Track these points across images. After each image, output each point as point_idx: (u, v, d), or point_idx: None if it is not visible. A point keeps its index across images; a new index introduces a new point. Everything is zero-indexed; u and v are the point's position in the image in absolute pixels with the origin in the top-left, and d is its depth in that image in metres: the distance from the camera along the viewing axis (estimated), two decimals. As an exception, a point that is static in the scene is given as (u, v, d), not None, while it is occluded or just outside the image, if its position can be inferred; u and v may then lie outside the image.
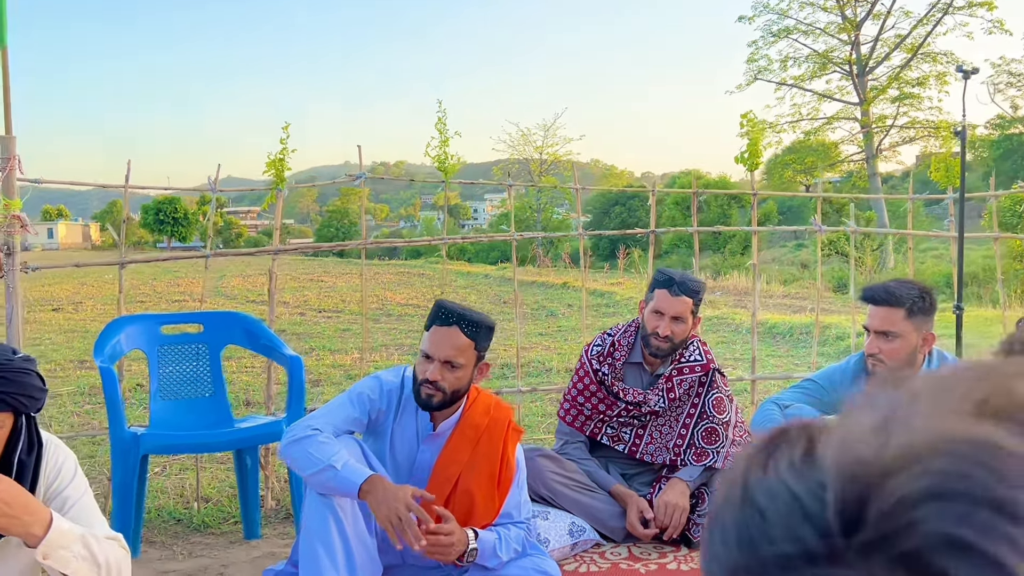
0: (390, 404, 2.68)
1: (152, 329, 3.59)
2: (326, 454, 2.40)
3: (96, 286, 16.98)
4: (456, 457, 2.65)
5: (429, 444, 2.68)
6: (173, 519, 3.72)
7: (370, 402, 2.65)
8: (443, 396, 2.59)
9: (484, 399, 2.76)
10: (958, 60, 29.95)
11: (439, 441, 2.68)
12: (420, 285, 17.51)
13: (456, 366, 2.57)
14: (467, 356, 2.59)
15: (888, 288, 2.95)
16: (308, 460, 2.42)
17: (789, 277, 21.12)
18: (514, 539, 2.64)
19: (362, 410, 2.63)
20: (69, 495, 2.01)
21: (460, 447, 2.66)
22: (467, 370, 2.61)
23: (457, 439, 2.67)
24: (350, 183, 4.46)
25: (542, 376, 7.29)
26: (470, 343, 2.59)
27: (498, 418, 2.72)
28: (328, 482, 2.39)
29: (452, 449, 2.66)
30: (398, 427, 2.69)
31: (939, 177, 4.49)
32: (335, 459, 2.38)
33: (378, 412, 2.66)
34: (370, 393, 2.66)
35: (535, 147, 44.19)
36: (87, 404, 6.20)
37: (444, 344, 2.56)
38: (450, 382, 2.58)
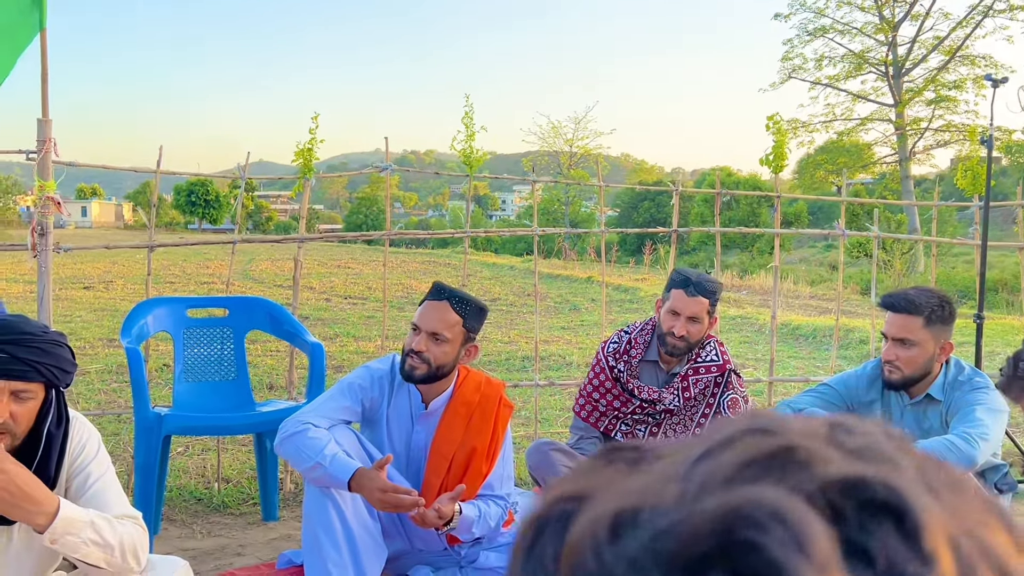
0: (382, 390, 2.73)
1: (179, 312, 3.67)
2: (316, 450, 2.44)
3: (127, 265, 17.21)
4: (451, 434, 2.70)
5: (423, 424, 2.74)
6: (194, 498, 3.80)
7: (361, 390, 2.70)
8: (427, 368, 2.63)
9: (475, 376, 2.82)
10: (997, 63, 29.51)
11: (433, 419, 2.74)
12: (445, 275, 17.58)
13: (441, 339, 2.62)
14: (454, 332, 2.64)
15: (908, 296, 2.96)
16: (299, 456, 2.47)
17: (817, 278, 20.97)
18: (493, 516, 2.69)
19: (354, 399, 2.68)
20: (92, 471, 2.07)
21: (453, 424, 2.72)
22: (453, 346, 2.65)
23: (450, 416, 2.73)
24: (377, 172, 4.52)
25: (562, 370, 7.32)
26: (458, 319, 2.64)
27: (489, 394, 2.77)
28: (320, 478, 2.46)
29: (446, 427, 2.72)
30: (392, 411, 2.75)
31: (965, 184, 4.46)
32: (324, 455, 2.43)
33: (371, 400, 2.72)
34: (360, 382, 2.71)
35: (565, 140, 44.14)
36: (114, 383, 6.31)
37: (432, 316, 2.63)
38: (435, 355, 2.63)
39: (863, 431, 0.36)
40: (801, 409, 3.01)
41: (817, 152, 34.88)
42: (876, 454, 0.34)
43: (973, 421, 2.73)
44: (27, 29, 3.39)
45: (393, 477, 2.50)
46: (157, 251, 4.02)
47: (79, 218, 54.97)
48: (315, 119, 3.98)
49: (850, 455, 0.34)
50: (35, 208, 3.46)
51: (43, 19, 3.42)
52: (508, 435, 2.83)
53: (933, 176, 36.57)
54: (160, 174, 4.03)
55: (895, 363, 2.93)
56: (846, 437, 0.35)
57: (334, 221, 63.98)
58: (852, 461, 0.33)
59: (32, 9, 3.37)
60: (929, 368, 2.94)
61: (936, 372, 2.97)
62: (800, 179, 37.53)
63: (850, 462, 0.33)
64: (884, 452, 0.34)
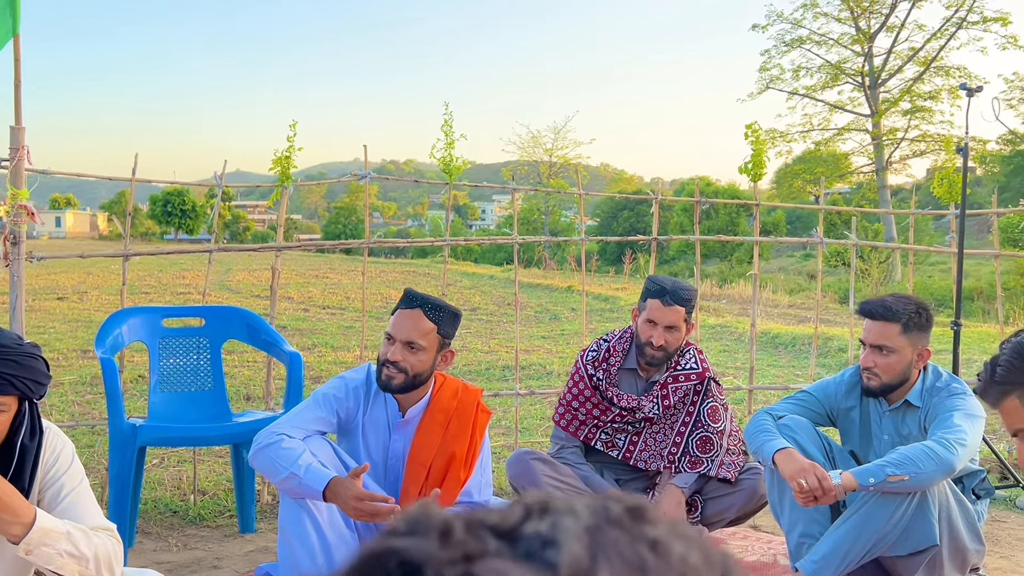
0: (357, 400, 2.71)
1: (154, 322, 3.62)
2: (289, 460, 2.41)
3: (101, 276, 17.05)
4: (428, 442, 2.68)
5: (400, 432, 2.72)
6: (169, 511, 3.75)
7: (336, 401, 2.67)
8: (404, 378, 2.62)
9: (451, 383, 2.80)
10: (971, 74, 29.89)
11: (410, 428, 2.71)
12: (425, 284, 17.53)
13: (417, 347, 2.60)
14: (429, 340, 2.62)
15: (885, 303, 2.97)
16: (273, 468, 2.44)
17: (796, 287, 21.11)
18: None
19: (329, 409, 2.66)
20: (65, 483, 2.04)
21: (431, 431, 2.69)
22: (429, 353, 2.63)
23: (427, 423, 2.70)
24: (356, 181, 4.49)
25: (542, 379, 7.31)
26: (433, 327, 2.62)
27: (466, 400, 2.76)
28: (294, 489, 2.42)
29: (423, 434, 2.69)
30: (368, 420, 2.72)
31: (941, 193, 4.50)
32: (298, 465, 2.40)
33: (346, 410, 2.69)
34: (335, 392, 2.69)
35: (545, 149, 44.24)
36: (88, 394, 6.24)
37: (406, 325, 2.61)
38: (411, 364, 2.61)
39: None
40: (781, 416, 3.01)
41: (795, 162, 35.15)
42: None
43: (951, 427, 2.74)
44: (3, 34, 3.34)
45: (368, 486, 2.48)
46: (132, 261, 3.97)
47: (53, 228, 54.43)
48: (293, 126, 3.96)
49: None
50: (7, 217, 3.42)
51: (16, 25, 3.38)
52: (487, 442, 2.81)
53: (910, 186, 36.97)
54: (136, 182, 3.99)
55: (873, 370, 2.94)
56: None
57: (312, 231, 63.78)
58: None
59: (5, 14, 3.33)
60: (907, 375, 2.95)
61: (914, 379, 2.98)
62: (778, 189, 37.78)
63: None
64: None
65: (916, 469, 2.62)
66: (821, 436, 3.03)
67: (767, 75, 32.75)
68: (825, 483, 2.64)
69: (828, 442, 3.04)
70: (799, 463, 2.72)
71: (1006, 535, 3.68)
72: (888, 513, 2.70)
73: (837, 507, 2.92)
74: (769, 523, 3.50)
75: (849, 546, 2.74)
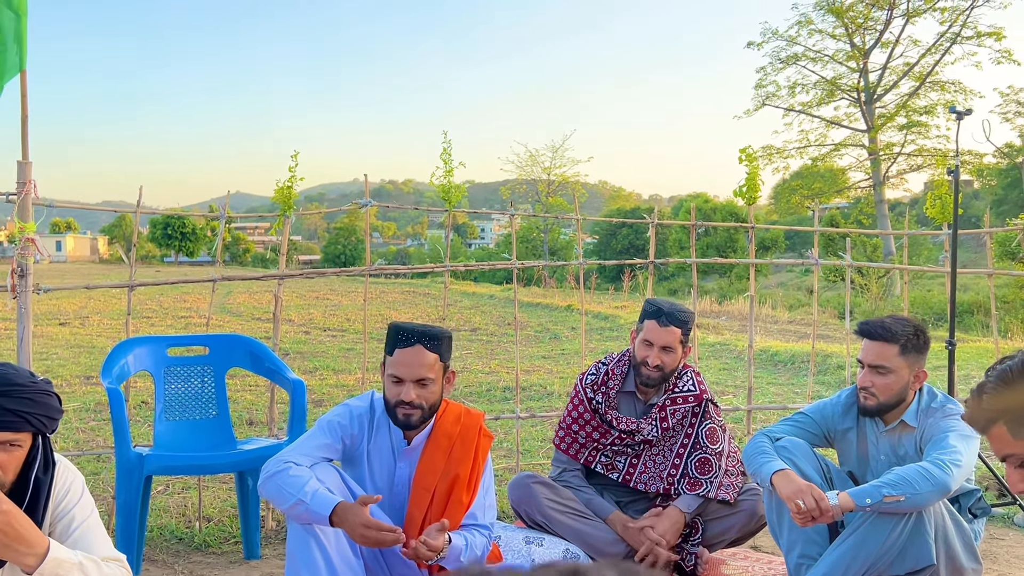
0: (362, 428, 2.75)
1: (159, 351, 3.67)
2: (297, 487, 2.47)
3: (103, 300, 17.09)
4: (432, 468, 2.72)
5: (405, 459, 2.76)
6: (175, 538, 3.78)
7: (341, 428, 2.72)
8: (421, 413, 2.68)
9: (453, 408, 2.84)
10: (966, 89, 30.05)
11: (414, 454, 2.76)
12: (425, 305, 17.58)
13: (428, 382, 2.66)
14: (435, 371, 2.68)
15: (884, 324, 3.02)
16: (281, 495, 2.49)
17: (795, 302, 21.14)
18: (478, 545, 2.70)
19: (334, 436, 2.70)
20: (76, 515, 2.08)
21: (435, 457, 2.74)
22: (437, 384, 2.70)
23: (431, 450, 2.75)
24: (357, 208, 4.54)
25: (543, 400, 7.34)
26: (435, 357, 2.68)
27: (469, 425, 2.80)
28: (302, 515, 2.47)
29: (427, 461, 2.74)
30: (373, 447, 2.77)
31: (934, 214, 4.55)
32: (305, 491, 2.45)
33: (351, 437, 2.74)
34: (340, 420, 2.74)
35: (543, 168, 44.35)
36: (92, 421, 6.27)
37: (413, 364, 2.65)
38: (426, 398, 2.67)
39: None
40: (779, 438, 3.05)
41: (792, 177, 35.28)
42: None
43: (946, 447, 2.78)
44: (9, 69, 3.40)
45: (375, 513, 2.52)
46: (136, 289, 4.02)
47: (54, 252, 54.53)
48: (295, 157, 4.02)
49: None
50: (15, 248, 3.46)
51: (23, 60, 3.44)
52: (489, 465, 2.85)
53: (907, 200, 37.09)
54: (140, 212, 4.05)
55: (871, 389, 2.99)
56: None
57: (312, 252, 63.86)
58: None
59: (11, 50, 3.39)
60: (903, 395, 3.00)
61: (910, 399, 3.02)
62: (776, 204, 37.90)
63: None
64: None
65: (912, 490, 2.66)
66: (819, 457, 3.07)
67: (763, 92, 32.95)
68: (822, 504, 2.68)
69: (826, 463, 3.07)
70: (796, 484, 2.76)
71: (1004, 552, 3.71)
72: (885, 533, 2.73)
73: (835, 527, 2.96)
74: (769, 544, 3.53)
75: (847, 566, 2.77)
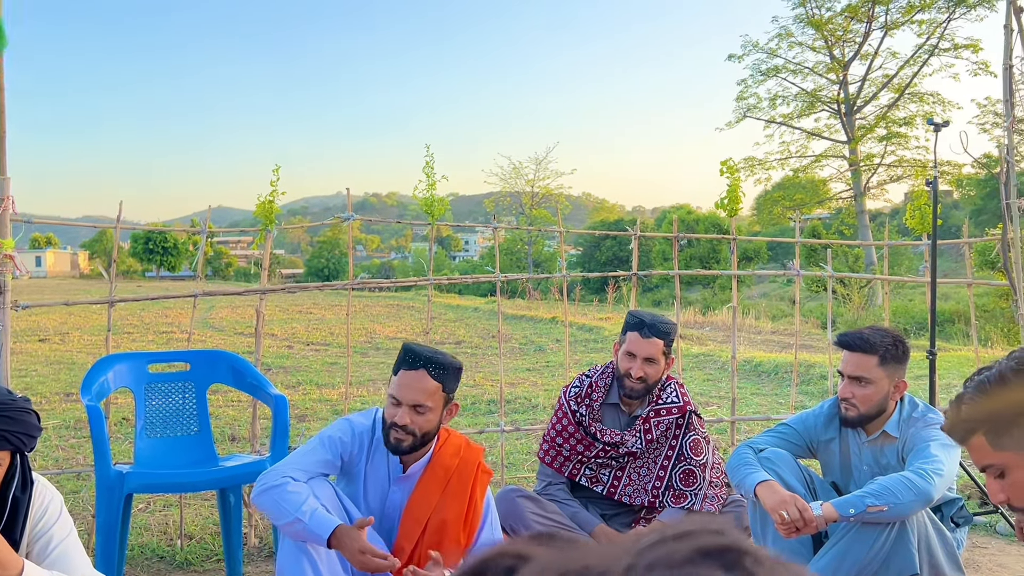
0: (362, 446, 2.73)
1: (140, 368, 3.64)
2: (295, 505, 2.45)
3: (83, 316, 16.95)
4: (426, 498, 2.70)
5: (400, 485, 2.73)
6: (156, 556, 3.74)
7: (341, 444, 2.70)
8: (412, 440, 2.64)
9: (454, 440, 2.81)
10: (944, 100, 30.40)
11: (410, 482, 2.73)
12: (409, 318, 17.55)
13: (424, 410, 2.62)
14: (435, 400, 2.64)
15: (863, 335, 3.03)
16: (278, 510, 2.47)
17: (778, 312, 21.23)
18: None
19: (334, 453, 2.68)
20: (54, 534, 2.06)
21: (430, 488, 2.71)
22: (435, 413, 2.66)
23: (427, 480, 2.72)
24: (339, 222, 4.54)
25: (528, 413, 7.33)
26: (438, 386, 2.63)
27: (468, 459, 2.77)
28: (298, 533, 2.45)
29: (422, 490, 2.71)
30: (371, 468, 2.74)
31: (914, 224, 4.59)
32: (303, 510, 2.44)
33: (350, 455, 2.71)
34: (342, 436, 2.71)
35: (527, 180, 44.45)
36: (72, 438, 6.20)
37: (412, 388, 2.61)
38: (419, 425, 2.63)
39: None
40: (762, 449, 3.06)
41: (774, 189, 35.51)
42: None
43: (928, 457, 2.79)
44: None
45: (368, 537, 2.51)
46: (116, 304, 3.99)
47: (33, 268, 54.10)
48: (276, 171, 4.00)
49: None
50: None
51: (2, 41, 3.31)
52: (490, 500, 2.82)
53: (888, 211, 37.42)
54: (120, 227, 4.02)
55: (851, 400, 3.00)
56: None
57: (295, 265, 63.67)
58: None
59: None
60: (884, 406, 3.01)
61: (891, 409, 3.04)
62: (758, 215, 38.13)
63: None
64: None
65: (895, 499, 2.67)
66: (802, 468, 3.07)
67: (744, 104, 33.22)
68: (806, 514, 2.69)
69: (809, 474, 3.08)
70: (780, 495, 2.76)
71: (987, 561, 3.73)
72: (868, 543, 2.74)
73: (819, 538, 2.96)
74: (754, 555, 3.53)
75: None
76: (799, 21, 31.03)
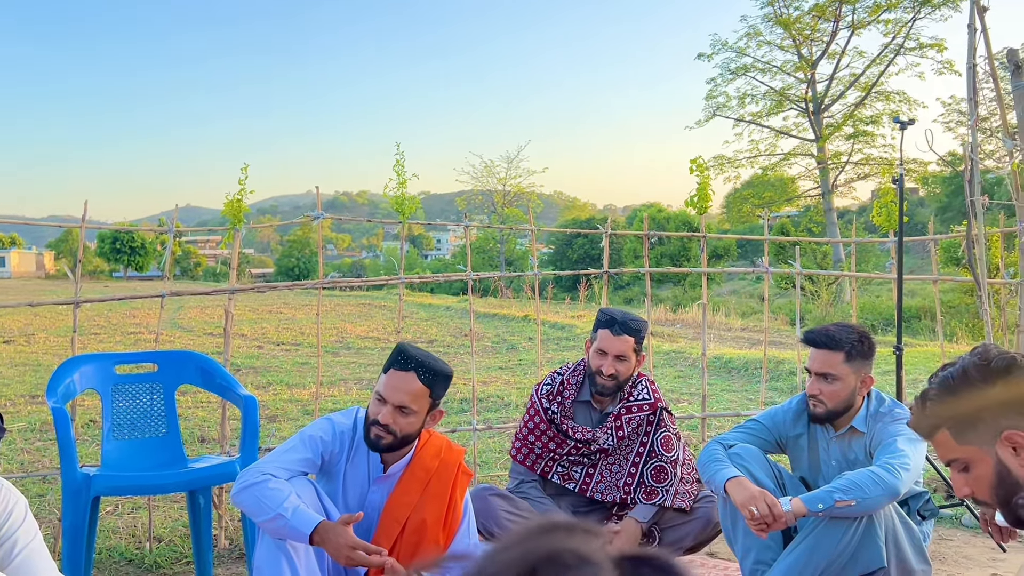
0: (342, 446, 2.71)
1: (106, 369, 3.59)
2: (276, 501, 2.43)
3: (49, 317, 16.72)
4: (406, 499, 2.68)
5: (379, 485, 2.72)
6: (124, 559, 3.70)
7: (322, 443, 2.68)
8: (392, 439, 2.62)
9: (436, 441, 2.79)
10: (910, 99, 30.81)
11: (389, 482, 2.71)
12: (381, 317, 17.49)
13: (409, 412, 2.60)
14: (420, 403, 2.62)
15: (828, 332, 3.06)
16: (259, 507, 2.45)
17: (748, 309, 21.40)
18: None
19: (314, 451, 2.66)
20: (18, 539, 2.02)
21: (410, 489, 2.69)
22: (419, 416, 2.64)
23: (407, 481, 2.70)
24: (309, 221, 4.50)
25: (500, 411, 7.33)
26: (425, 390, 2.61)
27: (448, 461, 2.76)
28: (280, 530, 2.43)
29: (402, 490, 2.69)
30: (351, 468, 2.73)
31: (880, 221, 4.65)
32: (285, 507, 2.42)
33: (331, 454, 2.69)
34: (322, 435, 2.69)
35: (499, 179, 44.44)
36: (38, 441, 6.11)
37: (399, 389, 2.59)
38: (401, 426, 2.61)
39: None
40: (732, 445, 3.08)
41: (743, 187, 35.81)
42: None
43: (895, 452, 2.83)
44: None
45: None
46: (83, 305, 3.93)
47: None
48: (244, 170, 3.97)
49: None
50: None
51: None
52: (468, 503, 2.81)
53: (855, 208, 37.84)
54: (86, 226, 3.97)
55: (819, 397, 3.03)
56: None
57: (265, 265, 63.22)
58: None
59: None
60: (851, 401, 3.04)
61: (858, 405, 3.07)
62: (728, 213, 38.44)
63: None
64: None
65: (863, 494, 2.70)
66: (771, 464, 3.10)
67: (714, 103, 33.46)
68: (775, 510, 2.71)
69: (778, 469, 3.11)
70: (750, 491, 2.78)
71: (953, 553, 3.78)
72: (837, 537, 2.77)
73: (789, 533, 2.99)
74: (725, 550, 3.56)
75: (801, 570, 2.80)
76: (767, 20, 31.31)
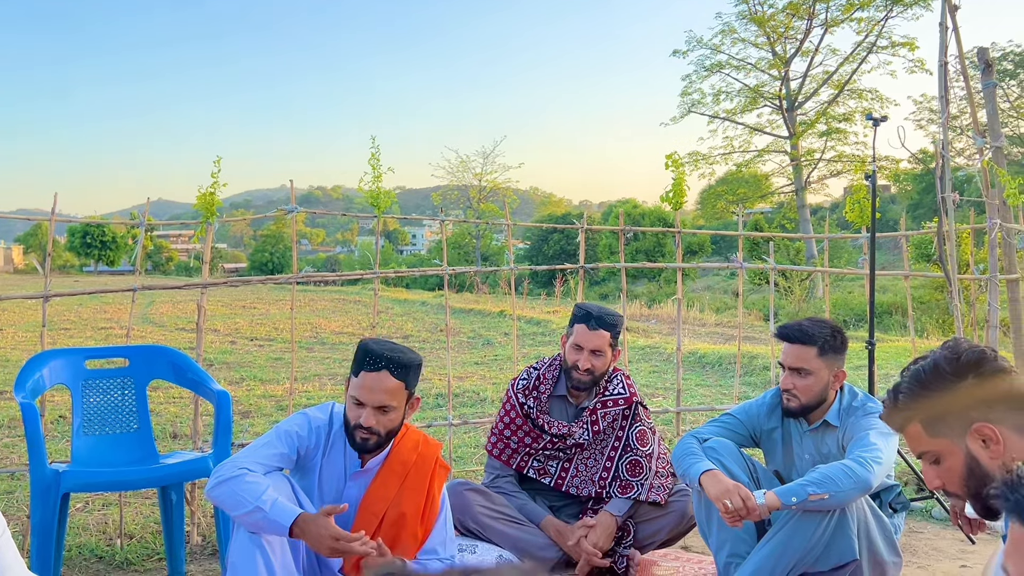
0: (318, 441, 2.69)
1: (76, 363, 3.55)
2: (254, 494, 2.41)
3: (18, 312, 16.49)
4: (383, 493, 2.67)
5: (357, 480, 2.70)
6: (95, 557, 3.66)
7: (298, 439, 2.66)
8: (378, 438, 2.62)
9: (412, 435, 2.79)
10: (882, 97, 31.12)
11: (367, 477, 2.70)
12: (356, 312, 17.41)
13: (389, 409, 2.60)
14: (398, 399, 2.61)
15: (802, 327, 3.09)
16: (236, 501, 2.43)
17: (722, 305, 21.51)
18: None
19: (290, 446, 2.64)
20: (-14, 537, 1.99)
21: (388, 483, 2.68)
22: (399, 411, 2.64)
23: (385, 475, 2.69)
24: (283, 215, 4.47)
25: (476, 407, 7.33)
26: (400, 384, 2.60)
27: (426, 454, 2.75)
28: (258, 523, 2.41)
29: (379, 485, 2.68)
30: (327, 463, 2.71)
31: (853, 217, 4.69)
32: (263, 500, 2.40)
33: (307, 449, 2.68)
34: (298, 430, 2.67)
35: (474, 174, 44.38)
36: (6, 437, 6.03)
37: (375, 390, 2.58)
38: (384, 424, 2.61)
39: None
40: (707, 439, 3.10)
41: (718, 183, 36.02)
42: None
43: (867, 445, 2.85)
44: None
45: None
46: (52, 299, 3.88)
47: (-34, 262, 52.45)
48: (217, 163, 3.93)
49: None
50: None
51: None
52: (445, 498, 2.80)
53: (828, 205, 38.18)
54: (56, 220, 3.91)
55: (792, 391, 3.06)
56: None
57: (238, 260, 62.74)
58: None
59: None
60: (825, 395, 3.07)
61: (831, 399, 3.10)
62: (703, 209, 38.64)
63: None
64: None
65: (835, 488, 2.72)
66: (745, 457, 3.12)
67: (688, 99, 33.63)
68: (749, 503, 2.73)
69: (752, 463, 3.13)
70: (724, 484, 2.80)
71: (923, 545, 3.83)
72: (810, 530, 2.80)
73: (763, 526, 3.01)
74: (699, 544, 3.58)
75: (774, 563, 2.83)
76: (742, 17, 31.49)
